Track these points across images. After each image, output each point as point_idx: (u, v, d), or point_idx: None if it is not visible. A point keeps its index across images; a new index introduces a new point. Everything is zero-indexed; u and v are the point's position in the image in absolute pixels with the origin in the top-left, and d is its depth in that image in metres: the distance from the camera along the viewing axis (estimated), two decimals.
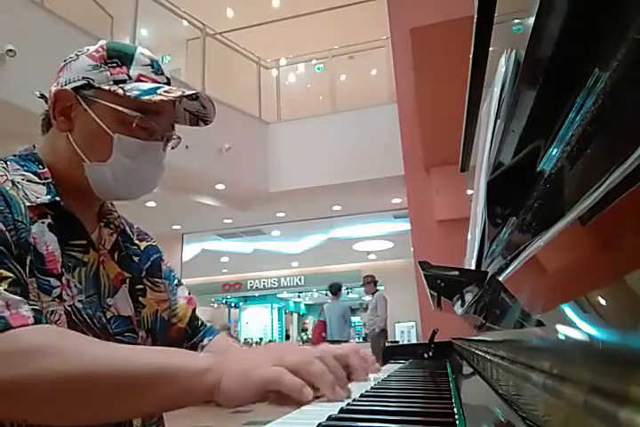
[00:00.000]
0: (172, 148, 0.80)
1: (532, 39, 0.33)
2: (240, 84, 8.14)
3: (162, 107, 0.72)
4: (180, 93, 0.71)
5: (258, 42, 7.73)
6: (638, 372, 0.12)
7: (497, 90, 0.61)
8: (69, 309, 0.66)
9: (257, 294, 12.77)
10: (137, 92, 0.69)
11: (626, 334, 0.13)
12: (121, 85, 0.70)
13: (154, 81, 0.74)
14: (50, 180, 0.70)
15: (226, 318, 12.87)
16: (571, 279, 0.21)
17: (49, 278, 0.64)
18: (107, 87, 0.70)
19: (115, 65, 0.72)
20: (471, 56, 0.69)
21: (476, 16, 0.62)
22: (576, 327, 0.17)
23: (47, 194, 0.68)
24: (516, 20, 0.51)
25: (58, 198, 0.68)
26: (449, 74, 1.74)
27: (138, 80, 0.72)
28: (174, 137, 0.78)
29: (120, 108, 0.70)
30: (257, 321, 13.84)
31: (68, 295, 0.66)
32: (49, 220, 0.67)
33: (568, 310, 0.19)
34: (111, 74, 0.71)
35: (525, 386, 0.24)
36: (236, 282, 12.16)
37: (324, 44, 7.77)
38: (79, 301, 0.68)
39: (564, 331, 0.19)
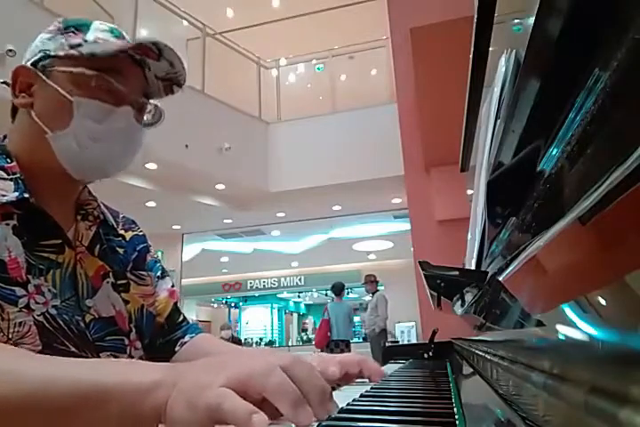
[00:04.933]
0: (152, 124, 0.76)
1: (531, 39, 0.33)
2: (240, 84, 8.13)
3: (122, 66, 0.69)
4: (137, 43, 0.67)
5: (258, 42, 7.73)
6: (638, 372, 0.12)
7: (497, 90, 0.61)
8: (41, 318, 0.62)
9: (257, 294, 12.76)
10: (90, 49, 0.67)
11: (626, 334, 0.13)
12: (77, 49, 0.68)
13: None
14: (18, 175, 0.66)
15: (226, 318, 12.86)
16: (571, 279, 0.21)
17: (13, 288, 0.60)
18: (62, 53, 0.68)
19: (71, 33, 0.70)
20: (471, 56, 0.69)
21: (476, 16, 0.62)
22: (576, 327, 0.17)
23: (15, 191, 0.64)
24: (516, 20, 0.51)
25: (27, 195, 0.64)
26: (449, 74, 1.74)
27: (95, 42, 0.69)
28: (149, 108, 0.74)
29: (77, 70, 0.67)
30: (257, 321, 13.84)
31: (39, 303, 0.62)
32: (14, 221, 0.63)
33: (568, 310, 0.19)
34: (66, 40, 0.69)
35: (525, 386, 0.24)
36: (235, 282, 12.14)
37: (323, 44, 7.77)
38: (53, 306, 0.64)
39: (564, 331, 0.19)
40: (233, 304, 13.82)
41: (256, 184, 6.88)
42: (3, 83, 0.73)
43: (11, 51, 4.14)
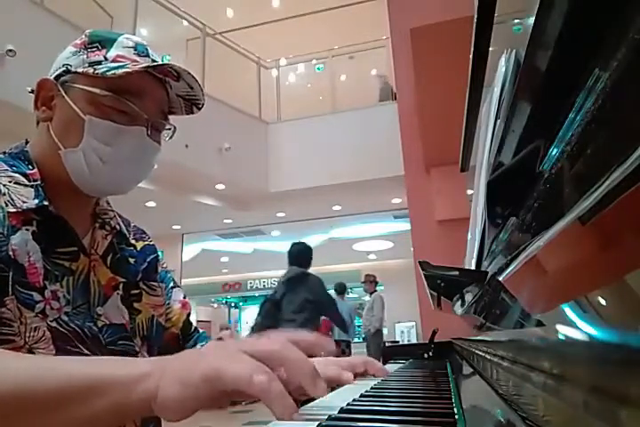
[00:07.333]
0: (169, 138, 0.75)
1: (531, 39, 0.33)
2: (240, 84, 8.13)
3: (140, 87, 0.68)
4: (146, 64, 0.66)
5: (258, 42, 7.73)
6: (638, 372, 0.12)
7: (497, 90, 0.61)
8: (54, 324, 0.62)
9: (257, 294, 12.76)
10: (104, 69, 0.66)
11: (626, 334, 0.13)
12: (94, 66, 0.67)
13: (133, 61, 0.69)
14: (39, 182, 0.66)
15: (226, 318, 12.86)
16: (571, 279, 0.21)
17: (31, 293, 0.60)
18: (81, 70, 0.67)
19: (95, 49, 0.69)
20: (471, 56, 0.69)
21: (476, 16, 0.62)
22: (576, 327, 0.17)
23: (35, 198, 0.64)
24: (516, 20, 0.51)
25: (46, 203, 0.65)
26: (449, 74, 1.74)
27: (114, 61, 0.68)
28: (167, 127, 0.74)
29: (91, 89, 0.66)
30: None
31: (53, 309, 0.63)
32: (34, 227, 0.63)
33: (568, 310, 0.19)
34: (87, 57, 0.68)
35: (525, 386, 0.24)
36: (235, 282, 12.15)
37: (324, 44, 7.77)
38: (65, 313, 0.64)
39: (564, 331, 0.19)
40: (233, 304, 13.81)
41: (256, 184, 6.88)
42: (30, 92, 0.72)
43: (11, 51, 4.14)
